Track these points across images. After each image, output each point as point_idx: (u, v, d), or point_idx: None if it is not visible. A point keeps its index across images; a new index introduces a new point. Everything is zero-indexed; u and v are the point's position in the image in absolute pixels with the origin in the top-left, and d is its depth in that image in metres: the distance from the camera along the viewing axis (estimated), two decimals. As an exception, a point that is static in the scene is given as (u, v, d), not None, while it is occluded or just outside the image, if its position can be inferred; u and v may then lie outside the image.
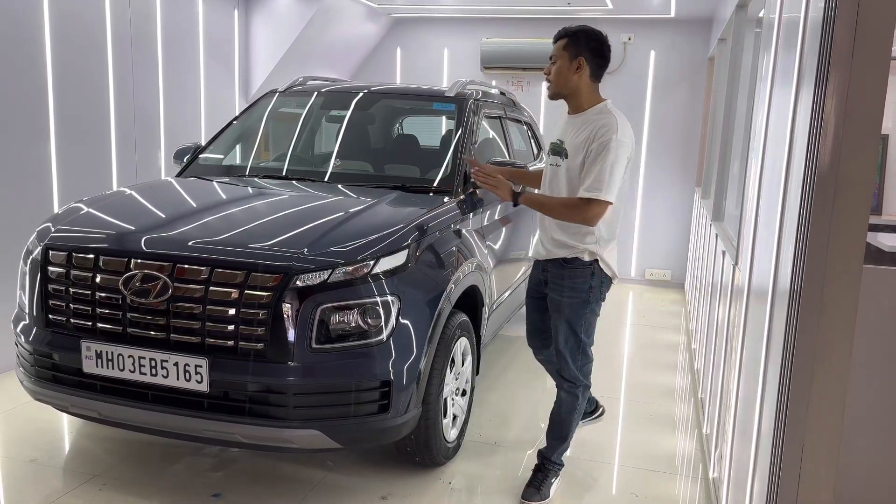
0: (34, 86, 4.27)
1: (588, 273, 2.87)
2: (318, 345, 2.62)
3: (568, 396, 3.02)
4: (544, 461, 3.10)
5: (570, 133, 2.86)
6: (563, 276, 2.90)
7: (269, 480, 3.09)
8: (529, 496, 3.02)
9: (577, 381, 2.99)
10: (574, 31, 2.85)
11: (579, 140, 2.80)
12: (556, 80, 2.85)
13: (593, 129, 2.76)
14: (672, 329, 5.86)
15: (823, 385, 1.61)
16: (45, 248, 2.89)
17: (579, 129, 2.82)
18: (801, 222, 1.68)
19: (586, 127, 2.80)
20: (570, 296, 2.89)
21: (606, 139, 2.71)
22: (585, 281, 2.88)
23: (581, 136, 2.80)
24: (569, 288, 2.89)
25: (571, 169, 2.83)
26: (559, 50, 2.84)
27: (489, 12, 7.18)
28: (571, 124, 2.88)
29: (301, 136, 4.34)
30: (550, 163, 2.97)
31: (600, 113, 2.82)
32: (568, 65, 2.81)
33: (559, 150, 2.90)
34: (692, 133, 7.10)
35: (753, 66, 3.81)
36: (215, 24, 5.96)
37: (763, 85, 2.53)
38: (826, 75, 1.59)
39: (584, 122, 2.82)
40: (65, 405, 2.91)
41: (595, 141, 2.73)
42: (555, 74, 2.85)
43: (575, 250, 2.86)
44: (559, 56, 2.83)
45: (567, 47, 2.82)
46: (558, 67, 2.83)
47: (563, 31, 2.88)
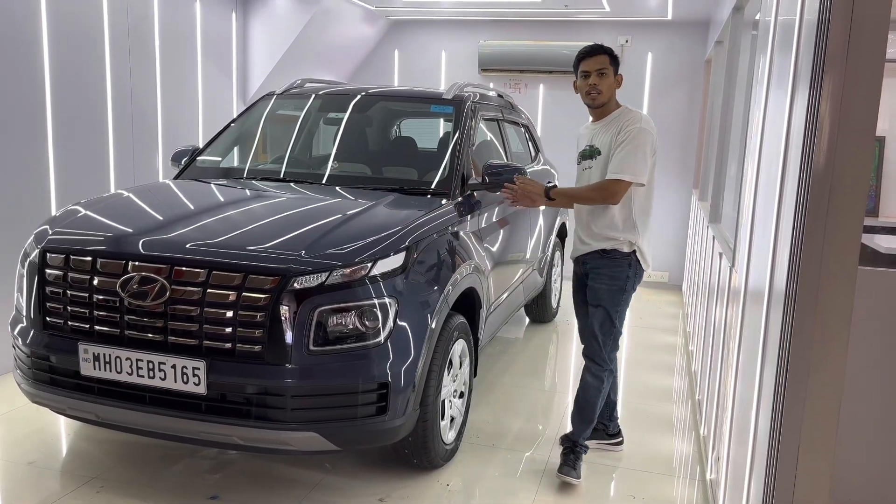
0: (32, 87, 4.27)
1: (626, 263, 3.13)
2: (315, 347, 2.63)
3: (594, 380, 3.20)
4: (574, 445, 3.24)
5: (599, 137, 3.17)
6: (602, 265, 3.15)
7: (266, 482, 3.09)
8: (567, 472, 3.17)
9: (605, 363, 3.18)
10: (611, 50, 3.17)
11: (608, 138, 3.11)
12: (607, 92, 3.14)
13: (620, 125, 3.09)
14: (669, 331, 5.86)
15: (819, 386, 1.61)
16: (42, 250, 2.89)
17: (607, 130, 3.13)
18: (797, 224, 1.69)
19: (613, 126, 3.12)
20: (609, 283, 3.13)
21: (631, 128, 3.04)
22: (623, 270, 3.13)
23: (609, 134, 3.11)
24: (608, 276, 3.13)
25: (604, 163, 3.10)
26: (607, 65, 3.12)
27: (487, 15, 7.18)
28: (598, 129, 3.19)
29: (299, 139, 4.34)
30: (583, 167, 3.25)
31: (623, 113, 3.16)
32: (614, 78, 3.15)
33: (591, 154, 3.19)
34: (689, 135, 7.12)
35: (750, 68, 3.83)
36: (213, 26, 5.96)
37: (759, 87, 2.54)
38: (821, 77, 1.59)
39: (610, 123, 3.14)
40: (62, 408, 2.91)
41: (623, 130, 3.05)
42: (608, 87, 3.15)
43: (615, 241, 3.11)
44: (608, 70, 3.13)
45: (612, 63, 3.15)
46: (610, 81, 3.14)
47: (600, 47, 3.15)
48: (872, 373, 2.16)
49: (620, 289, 3.15)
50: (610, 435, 3.53)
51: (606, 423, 3.49)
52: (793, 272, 1.69)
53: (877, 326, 2.15)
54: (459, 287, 3.25)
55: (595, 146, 3.19)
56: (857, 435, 2.17)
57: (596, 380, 3.20)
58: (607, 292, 3.15)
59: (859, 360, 2.09)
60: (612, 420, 3.52)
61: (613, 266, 3.14)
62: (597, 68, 3.13)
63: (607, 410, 3.45)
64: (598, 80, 3.14)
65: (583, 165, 3.27)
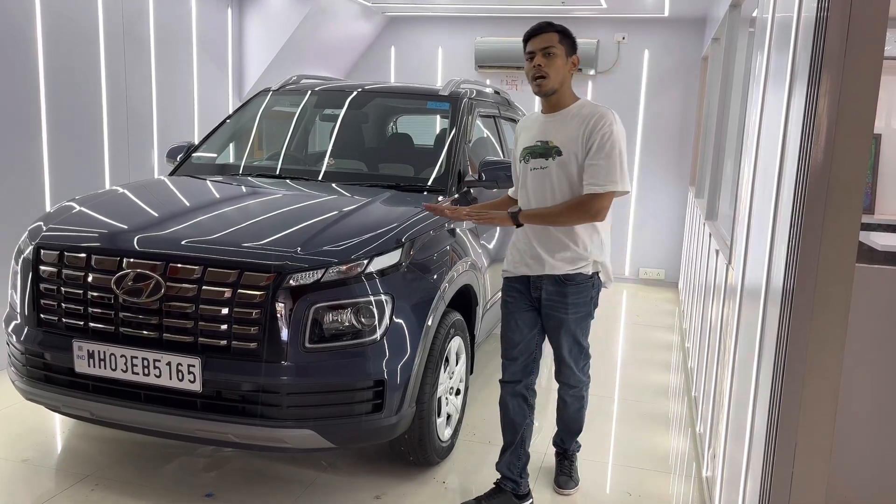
0: (26, 83, 4.24)
1: (589, 286, 2.77)
2: (311, 344, 2.62)
3: (574, 400, 3.04)
4: (565, 451, 3.19)
5: (554, 131, 2.70)
6: (565, 293, 2.74)
7: (262, 480, 3.08)
8: (564, 484, 3.10)
9: (581, 382, 2.99)
10: (563, 28, 2.69)
11: (573, 134, 2.65)
12: (555, 76, 2.64)
13: (587, 123, 2.63)
14: (666, 328, 5.87)
15: (816, 384, 1.61)
16: (36, 247, 2.87)
17: (567, 126, 2.68)
18: (794, 221, 1.69)
19: (575, 122, 2.66)
20: (575, 311, 2.77)
21: (608, 131, 2.61)
22: (587, 294, 2.78)
23: (572, 131, 2.65)
24: (573, 305, 2.75)
25: (567, 164, 2.66)
26: (555, 43, 2.64)
27: (483, 11, 7.17)
28: (552, 123, 2.72)
29: (295, 135, 4.33)
30: (533, 167, 2.73)
31: (585, 107, 2.70)
32: (565, 60, 2.67)
33: (545, 151, 2.70)
34: (686, 132, 7.12)
35: (747, 65, 3.82)
36: (208, 23, 5.94)
37: (756, 84, 2.53)
38: (819, 75, 1.59)
39: (569, 118, 2.68)
40: (57, 405, 2.90)
41: (597, 132, 2.61)
42: (556, 70, 2.64)
43: (578, 261, 2.72)
44: (556, 49, 2.63)
45: (562, 42, 2.66)
46: (558, 63, 2.64)
47: (547, 24, 2.68)
48: (869, 369, 2.16)
49: (587, 314, 2.82)
50: (519, 496, 2.91)
51: (517, 481, 2.90)
52: (790, 269, 1.69)
53: (873, 323, 2.15)
54: (456, 284, 3.24)
55: (551, 143, 2.69)
56: (854, 432, 2.18)
57: (578, 400, 3.04)
58: (573, 321, 2.77)
59: (856, 357, 2.09)
60: (522, 477, 2.92)
61: (578, 293, 2.74)
62: (542, 47, 2.63)
63: (519, 464, 2.91)
64: (545, 60, 2.62)
65: (532, 165, 2.73)
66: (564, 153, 2.67)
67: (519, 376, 2.90)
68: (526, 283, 2.82)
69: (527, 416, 2.92)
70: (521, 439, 2.92)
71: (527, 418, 2.92)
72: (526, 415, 2.92)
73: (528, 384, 2.92)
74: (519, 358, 2.89)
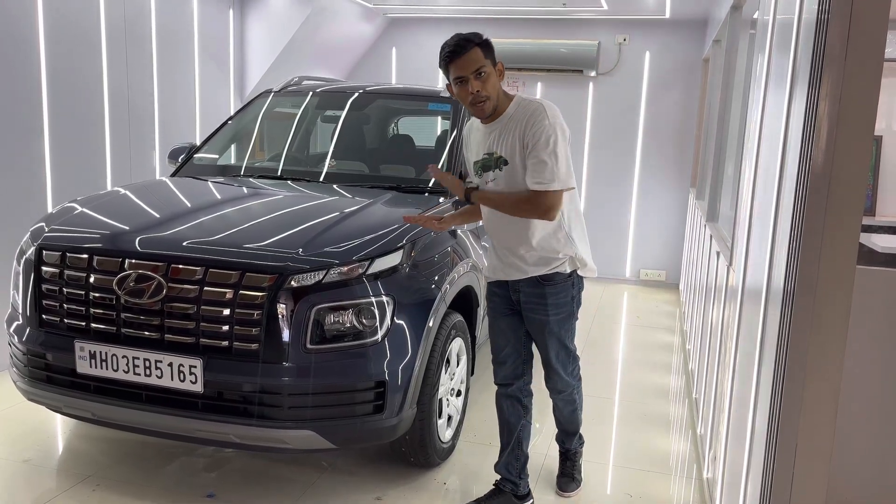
0: (28, 84, 4.25)
1: (569, 285, 2.71)
2: (312, 345, 2.62)
3: (566, 404, 3.01)
4: (567, 451, 3.17)
5: (496, 141, 2.61)
6: (544, 294, 2.69)
7: (263, 481, 3.08)
8: (565, 486, 3.09)
9: (570, 385, 2.93)
10: (481, 38, 2.53)
11: (511, 140, 2.56)
12: (493, 93, 2.53)
13: (521, 123, 2.54)
14: (666, 330, 5.87)
15: (816, 386, 1.61)
16: (38, 247, 2.88)
17: (505, 132, 2.58)
18: (795, 223, 1.69)
19: (511, 125, 2.57)
20: (556, 313, 2.72)
21: (539, 126, 2.49)
22: (567, 293, 2.72)
23: (510, 136, 2.56)
24: (553, 305, 2.70)
25: (514, 171, 2.58)
26: (482, 59, 2.49)
27: (485, 13, 7.17)
28: (492, 132, 2.62)
29: (296, 137, 4.33)
30: (486, 181, 2.66)
31: (520, 106, 2.58)
32: (494, 73, 2.54)
33: (493, 164, 2.62)
34: (687, 134, 7.12)
35: (748, 67, 3.82)
36: (210, 24, 5.95)
37: (757, 86, 2.54)
38: (819, 77, 1.59)
39: (507, 123, 2.59)
40: (58, 406, 2.90)
41: (528, 131, 2.50)
42: (493, 88, 2.52)
43: (554, 263, 2.66)
44: (486, 67, 2.50)
45: (487, 55, 2.51)
46: (492, 80, 2.52)
47: (466, 40, 2.50)
48: (870, 371, 2.17)
49: (569, 314, 2.75)
50: (518, 497, 2.92)
51: (516, 482, 2.91)
52: (791, 271, 1.69)
53: (874, 325, 2.15)
54: (457, 285, 3.24)
55: (496, 154, 2.59)
56: (855, 433, 2.18)
57: (569, 403, 2.99)
58: (555, 323, 2.72)
59: (856, 359, 2.09)
60: (521, 478, 2.93)
61: (557, 293, 2.68)
62: (473, 70, 2.48)
63: (517, 465, 2.92)
64: (480, 84, 2.49)
65: (485, 178, 2.65)
66: (510, 161, 2.58)
67: (510, 379, 2.91)
68: (505, 287, 2.79)
69: (521, 417, 2.92)
70: (518, 440, 2.93)
71: (522, 419, 2.92)
72: (521, 416, 2.92)
73: (520, 386, 2.91)
74: (507, 361, 2.89)
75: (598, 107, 7.27)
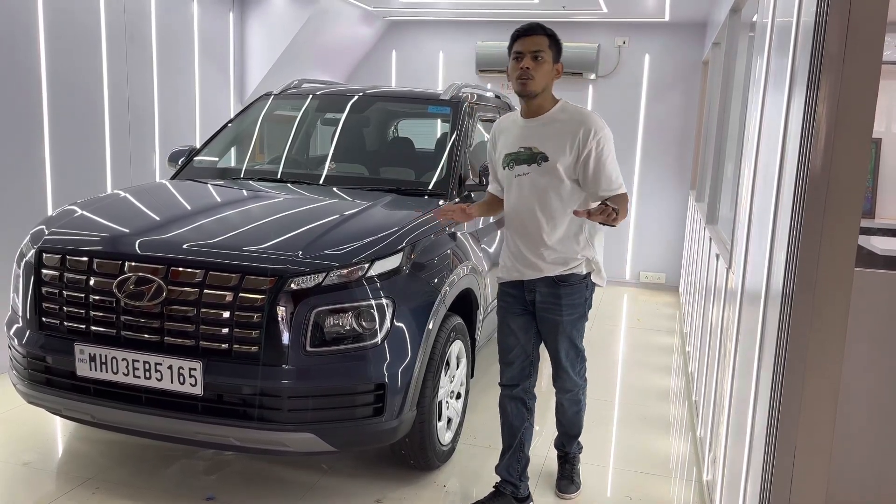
0: (28, 87, 4.26)
1: (584, 286, 2.77)
2: (312, 348, 2.62)
3: (572, 404, 3.03)
4: (566, 454, 3.18)
5: (539, 137, 2.66)
6: (559, 295, 2.74)
7: (263, 483, 3.08)
8: (565, 488, 3.10)
9: (577, 386, 2.97)
10: (553, 32, 2.66)
11: (560, 140, 2.62)
12: (541, 80, 2.61)
13: (576, 128, 2.62)
14: (666, 332, 5.87)
15: (815, 388, 1.61)
16: (38, 250, 2.88)
17: (552, 131, 2.65)
18: (794, 225, 1.69)
19: (558, 126, 2.64)
20: (570, 313, 2.77)
21: (602, 135, 2.63)
22: (581, 295, 2.78)
23: (559, 135, 2.63)
24: (567, 306, 2.75)
25: (554, 169, 2.63)
26: (545, 48, 2.61)
27: (484, 15, 7.19)
28: (534, 128, 2.69)
29: (296, 139, 4.34)
30: (518, 174, 2.71)
31: (566, 110, 2.68)
32: (551, 65, 2.63)
33: (530, 157, 2.67)
34: (686, 136, 7.12)
35: (747, 69, 3.83)
36: (210, 26, 5.96)
37: (756, 88, 2.54)
38: (818, 79, 1.59)
39: (551, 122, 2.66)
40: (58, 408, 2.90)
41: (591, 140, 2.60)
42: (543, 75, 2.61)
43: (572, 263, 2.71)
44: (545, 54, 2.60)
45: (551, 47, 2.63)
46: (546, 68, 2.61)
47: (539, 26, 2.64)
48: (869, 374, 2.17)
49: (581, 315, 2.81)
50: (519, 500, 2.93)
51: (517, 484, 2.93)
52: (789, 273, 1.70)
53: (873, 328, 2.15)
54: (457, 288, 3.25)
55: (535, 149, 2.65)
56: (854, 436, 2.18)
57: (575, 403, 3.02)
58: (568, 323, 2.77)
59: (855, 361, 2.09)
60: (522, 480, 2.95)
61: (572, 294, 2.74)
62: (532, 50, 2.59)
63: (518, 467, 2.93)
64: (533, 64, 2.59)
65: (517, 171, 2.70)
66: (551, 158, 2.64)
67: (516, 380, 2.91)
68: (520, 288, 2.81)
69: (525, 419, 2.93)
70: (520, 442, 2.93)
71: (525, 422, 2.93)
72: (524, 418, 2.93)
73: (525, 388, 2.92)
74: (515, 362, 2.90)
75: (597, 109, 7.26)
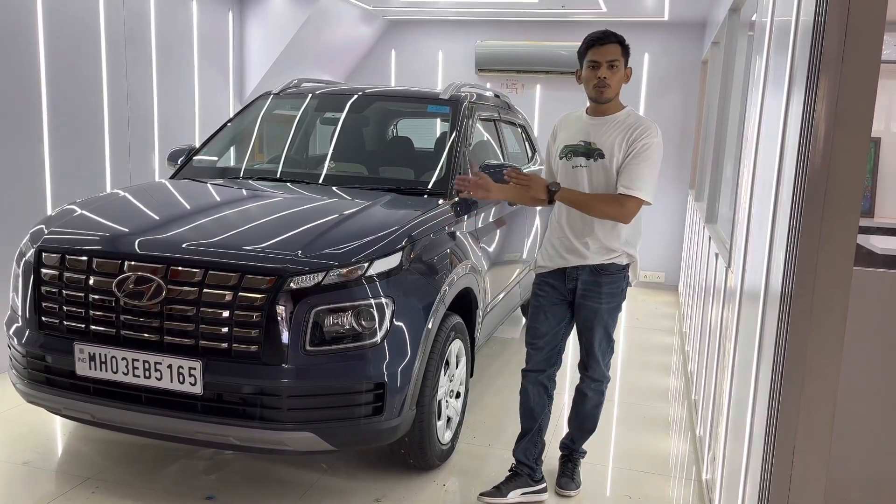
0: (28, 86, 4.26)
1: (622, 277, 2.90)
2: (312, 347, 2.62)
3: (595, 395, 3.08)
4: (572, 452, 3.21)
5: (598, 134, 2.81)
6: (599, 283, 2.86)
7: (263, 483, 3.09)
8: (566, 485, 3.13)
9: (605, 378, 3.05)
10: (623, 39, 2.80)
11: (616, 140, 2.77)
12: (616, 87, 2.78)
13: (632, 130, 2.77)
14: (666, 331, 5.87)
15: (815, 387, 1.61)
16: (38, 250, 2.88)
17: (611, 130, 2.80)
18: (793, 224, 1.69)
19: (619, 128, 2.79)
20: (608, 301, 2.88)
21: (650, 141, 2.74)
22: (619, 285, 2.90)
23: (616, 136, 2.78)
24: (607, 294, 2.87)
25: (607, 168, 2.79)
26: (619, 56, 2.76)
27: (484, 15, 7.19)
28: (596, 126, 2.83)
29: (295, 139, 4.34)
30: (574, 164, 2.86)
31: (630, 116, 2.83)
32: (623, 71, 2.79)
33: (587, 151, 2.82)
34: (686, 135, 7.13)
35: (746, 69, 3.83)
36: (210, 26, 5.95)
37: (755, 88, 2.54)
38: (817, 78, 1.60)
39: (614, 124, 2.81)
40: (58, 408, 2.90)
41: (639, 140, 2.74)
42: (618, 82, 2.78)
43: (613, 254, 2.84)
44: (619, 62, 2.76)
45: (623, 55, 2.78)
46: (620, 75, 2.78)
47: (612, 34, 2.78)
48: (868, 373, 2.17)
49: (618, 305, 2.94)
50: (535, 481, 3.05)
51: (533, 467, 3.04)
52: (788, 273, 1.70)
53: (872, 327, 2.15)
54: (456, 287, 3.25)
55: (594, 145, 2.81)
56: (853, 435, 2.18)
57: (598, 395, 3.08)
58: (606, 311, 2.89)
59: (854, 361, 2.10)
60: (538, 464, 3.07)
61: (612, 283, 2.87)
62: (608, 59, 2.75)
63: (535, 451, 3.05)
64: (609, 73, 2.75)
65: (574, 163, 2.86)
66: (607, 156, 2.79)
67: (543, 366, 3.01)
68: (560, 277, 2.92)
69: (546, 405, 3.04)
70: (539, 428, 3.04)
71: (546, 408, 3.04)
72: (545, 405, 3.04)
73: (550, 374, 3.03)
74: (545, 348, 2.99)
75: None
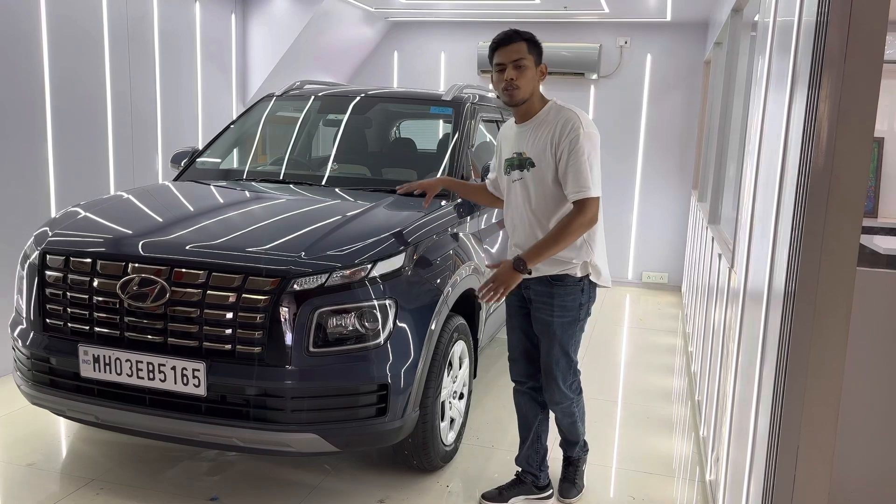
0: (31, 88, 4.27)
1: (578, 290, 2.73)
2: (315, 348, 2.63)
3: (563, 416, 2.95)
4: (569, 457, 3.15)
5: (527, 141, 2.71)
6: (551, 294, 2.72)
7: (266, 484, 3.09)
8: (566, 492, 3.07)
9: (567, 398, 2.87)
10: (531, 36, 2.67)
11: (542, 143, 2.66)
12: (526, 87, 2.64)
13: (554, 128, 2.63)
14: (669, 332, 5.87)
15: (818, 387, 1.61)
16: (42, 252, 2.89)
17: (537, 134, 2.68)
18: (796, 225, 1.69)
19: (543, 128, 2.67)
20: (561, 315, 2.73)
21: (575, 135, 2.58)
22: (576, 298, 2.73)
23: (542, 139, 2.66)
24: (559, 307, 2.72)
25: (541, 174, 2.67)
26: (525, 54, 2.62)
27: (486, 16, 7.19)
28: (524, 132, 2.73)
29: (298, 140, 4.35)
30: (512, 179, 2.77)
31: (552, 111, 2.69)
32: (534, 70, 2.65)
33: (521, 163, 2.72)
34: (688, 136, 7.12)
35: (748, 69, 3.83)
36: (212, 28, 5.97)
37: (758, 88, 2.54)
38: (819, 79, 1.60)
39: (539, 125, 2.69)
40: (62, 409, 2.91)
41: (565, 139, 2.60)
42: (527, 81, 2.63)
43: (567, 265, 2.69)
44: (526, 60, 2.62)
45: (531, 51, 2.64)
46: (530, 74, 2.63)
47: (515, 33, 2.66)
48: (871, 373, 2.16)
49: (574, 319, 2.74)
50: (539, 487, 3.02)
51: (536, 474, 3.02)
52: (792, 273, 1.70)
53: (875, 327, 2.15)
54: (459, 288, 3.25)
55: (524, 154, 2.70)
56: (857, 436, 2.17)
57: (567, 416, 2.93)
58: (560, 326, 2.73)
59: (858, 361, 2.09)
60: (542, 470, 3.03)
61: (564, 295, 2.71)
62: (513, 59, 2.62)
63: (537, 458, 3.01)
64: (516, 73, 2.61)
65: (512, 177, 2.77)
66: (537, 163, 2.68)
67: (522, 378, 2.96)
68: (519, 286, 2.78)
69: (538, 412, 2.98)
70: (536, 434, 3.00)
71: (539, 415, 2.98)
72: (538, 412, 2.98)
73: (533, 385, 2.96)
74: (519, 360, 2.96)
75: (599, 109, 7.28)
